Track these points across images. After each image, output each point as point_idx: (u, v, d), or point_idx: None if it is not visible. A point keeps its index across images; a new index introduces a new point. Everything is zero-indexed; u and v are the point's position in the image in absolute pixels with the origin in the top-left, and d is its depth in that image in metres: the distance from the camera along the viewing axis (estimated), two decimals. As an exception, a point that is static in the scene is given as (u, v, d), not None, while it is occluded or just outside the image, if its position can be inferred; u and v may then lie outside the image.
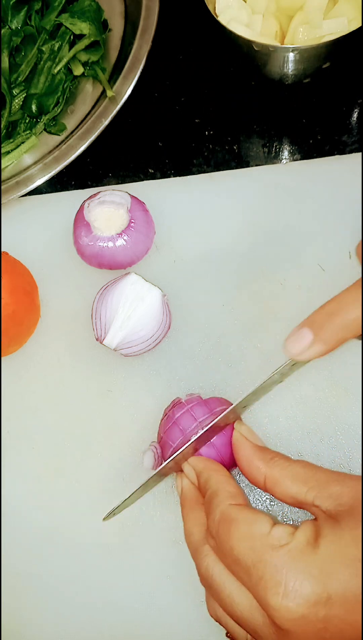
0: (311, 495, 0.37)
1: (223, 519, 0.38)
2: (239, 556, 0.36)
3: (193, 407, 0.46)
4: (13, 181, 0.58)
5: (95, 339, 0.51)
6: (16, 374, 0.54)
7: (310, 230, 0.55)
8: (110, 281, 0.52)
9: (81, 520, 0.50)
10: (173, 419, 0.46)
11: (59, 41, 0.62)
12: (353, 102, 0.61)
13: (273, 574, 0.34)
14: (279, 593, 0.33)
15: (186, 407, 0.46)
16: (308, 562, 0.34)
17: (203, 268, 0.55)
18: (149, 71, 0.59)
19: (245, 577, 0.35)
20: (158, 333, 0.50)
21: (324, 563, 0.34)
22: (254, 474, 0.40)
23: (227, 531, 0.37)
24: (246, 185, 0.57)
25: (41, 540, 0.50)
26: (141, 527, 0.49)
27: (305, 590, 0.33)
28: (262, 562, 0.35)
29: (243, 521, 0.37)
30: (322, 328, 0.39)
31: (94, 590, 0.48)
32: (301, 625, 0.33)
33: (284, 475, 0.39)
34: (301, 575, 0.33)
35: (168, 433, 0.46)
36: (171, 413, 0.47)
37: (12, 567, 0.50)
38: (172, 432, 0.45)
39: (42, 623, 0.48)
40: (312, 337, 0.39)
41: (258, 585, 0.34)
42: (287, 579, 0.33)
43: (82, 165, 0.62)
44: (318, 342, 0.39)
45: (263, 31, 0.57)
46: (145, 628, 0.47)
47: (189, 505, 0.43)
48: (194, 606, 0.46)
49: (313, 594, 0.33)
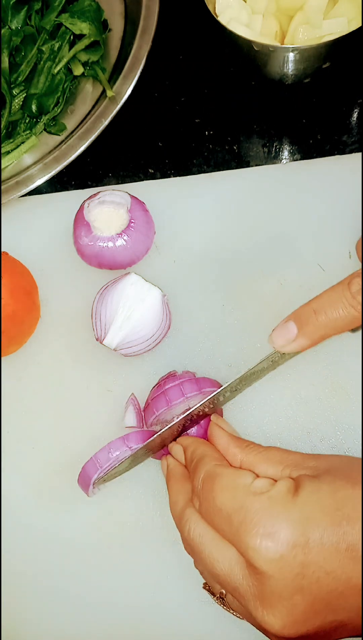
0: (287, 472, 0.39)
1: (208, 476, 0.39)
2: (221, 505, 0.37)
3: (184, 382, 0.47)
4: (13, 181, 0.58)
5: (95, 339, 0.51)
6: (16, 374, 0.54)
7: (310, 230, 0.55)
8: (110, 281, 0.52)
9: (81, 520, 0.50)
10: (162, 389, 0.48)
11: (59, 41, 0.62)
12: (353, 102, 0.61)
13: (253, 518, 0.35)
14: (259, 534, 0.34)
15: (178, 381, 0.48)
16: (288, 507, 0.35)
17: (203, 268, 0.55)
18: (149, 71, 0.59)
19: (226, 526, 0.36)
20: (158, 333, 0.50)
21: (303, 510, 0.35)
22: (231, 460, 0.41)
23: (211, 485, 0.38)
24: (247, 185, 0.57)
25: (41, 540, 0.50)
26: (141, 527, 0.49)
27: (285, 532, 0.34)
28: (243, 508, 0.36)
29: (227, 474, 0.38)
30: (306, 323, 0.41)
31: (93, 590, 0.48)
32: (279, 567, 0.34)
33: (259, 459, 0.40)
34: (281, 518, 0.34)
35: (155, 401, 0.48)
36: (163, 382, 0.49)
37: (11, 566, 0.50)
38: (158, 400, 0.47)
39: (42, 623, 0.48)
40: (297, 331, 0.41)
41: (238, 531, 0.35)
42: (267, 521, 0.35)
43: (82, 165, 0.62)
44: (302, 337, 0.41)
45: (263, 31, 0.57)
46: (145, 628, 0.47)
47: (174, 478, 0.44)
48: (194, 605, 0.46)
49: (292, 536, 0.34)
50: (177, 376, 0.49)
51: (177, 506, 0.42)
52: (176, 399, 0.47)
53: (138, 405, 0.50)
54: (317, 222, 0.55)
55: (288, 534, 0.34)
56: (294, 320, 0.41)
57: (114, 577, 0.48)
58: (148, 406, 0.49)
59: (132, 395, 0.51)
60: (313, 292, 0.52)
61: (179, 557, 0.47)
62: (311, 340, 0.41)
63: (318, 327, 0.40)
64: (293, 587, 0.34)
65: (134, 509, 0.49)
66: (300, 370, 0.50)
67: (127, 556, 0.48)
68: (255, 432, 0.49)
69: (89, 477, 0.46)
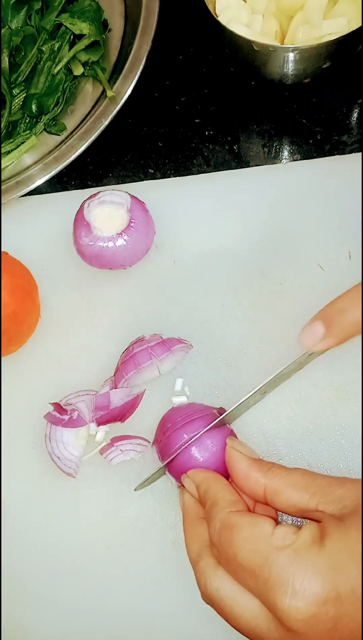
0: (314, 501, 0.37)
1: (224, 527, 0.37)
2: (243, 561, 0.35)
3: (152, 346, 0.49)
4: (13, 181, 0.58)
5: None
6: (16, 374, 0.54)
7: (310, 230, 0.55)
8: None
9: (81, 520, 0.50)
10: (131, 353, 0.49)
11: (59, 41, 0.62)
12: (353, 102, 0.61)
13: (279, 574, 0.33)
14: (287, 592, 0.33)
15: (146, 345, 0.49)
16: (316, 559, 0.33)
17: (203, 268, 0.55)
18: (149, 71, 0.59)
19: (251, 581, 0.35)
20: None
21: (331, 560, 0.33)
22: (253, 487, 0.40)
23: (229, 537, 0.37)
24: (246, 185, 0.57)
25: (41, 540, 0.50)
26: (141, 527, 0.49)
27: (314, 588, 0.32)
28: (268, 563, 0.34)
29: (245, 525, 0.37)
30: (332, 323, 0.41)
31: (93, 590, 0.48)
32: (311, 625, 0.32)
33: (284, 484, 0.38)
34: (309, 573, 0.33)
35: (124, 365, 0.49)
36: (131, 348, 0.50)
37: (11, 566, 0.50)
38: (127, 364, 0.49)
39: (41, 622, 0.48)
40: (324, 330, 0.41)
41: (264, 588, 0.34)
42: (295, 578, 0.33)
43: (82, 165, 0.62)
44: (329, 336, 0.41)
45: (263, 31, 0.57)
46: (145, 627, 0.47)
47: (189, 521, 0.42)
48: (194, 605, 0.46)
49: (322, 591, 0.32)
50: (144, 340, 0.50)
51: (193, 553, 0.40)
52: (144, 361, 0.48)
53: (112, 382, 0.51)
54: (317, 222, 0.55)
55: (319, 590, 0.32)
56: (321, 320, 0.41)
57: (113, 577, 0.48)
58: (118, 370, 0.50)
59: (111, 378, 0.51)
60: (313, 292, 0.53)
61: (180, 556, 0.47)
62: (339, 340, 0.41)
63: (345, 326, 0.41)
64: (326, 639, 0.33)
65: (134, 509, 0.49)
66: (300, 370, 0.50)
67: (127, 556, 0.48)
68: (255, 432, 0.49)
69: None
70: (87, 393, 0.50)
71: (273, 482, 0.39)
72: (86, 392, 0.51)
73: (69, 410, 0.49)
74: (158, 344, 0.50)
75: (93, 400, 0.49)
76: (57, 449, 0.49)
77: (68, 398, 0.51)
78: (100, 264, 0.55)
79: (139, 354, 0.49)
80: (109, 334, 0.54)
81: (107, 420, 0.49)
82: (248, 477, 0.40)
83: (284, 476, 0.39)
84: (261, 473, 0.39)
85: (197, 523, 0.41)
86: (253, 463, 0.41)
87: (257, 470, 0.40)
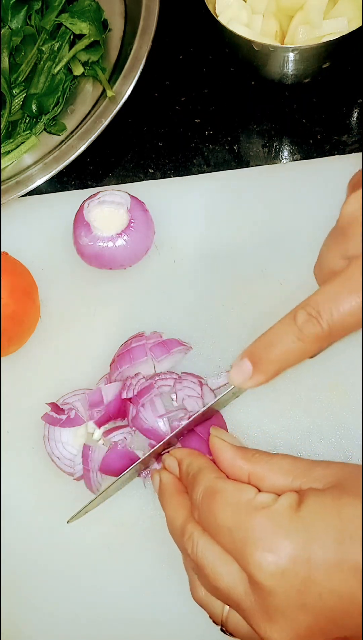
0: (298, 482, 0.38)
1: (208, 492, 0.38)
2: (222, 522, 0.36)
3: (151, 346, 0.50)
4: (13, 181, 0.58)
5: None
6: (16, 374, 0.54)
7: (310, 230, 0.55)
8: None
9: (81, 519, 0.49)
10: (128, 347, 0.50)
11: (59, 41, 0.62)
12: (353, 102, 0.61)
13: (254, 531, 0.35)
14: (260, 548, 0.34)
15: (143, 341, 0.50)
16: (289, 522, 0.34)
17: (202, 268, 0.55)
18: (149, 71, 0.59)
19: (228, 542, 0.36)
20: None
21: (305, 526, 0.34)
22: (237, 474, 0.40)
23: (211, 501, 0.38)
24: (246, 185, 0.57)
25: (41, 540, 0.50)
26: (140, 527, 0.49)
27: (286, 546, 0.34)
28: (245, 523, 0.35)
29: (229, 490, 0.38)
30: (259, 360, 0.39)
31: (93, 590, 0.48)
32: (281, 582, 0.33)
33: (268, 469, 0.39)
34: (282, 533, 0.34)
35: (120, 358, 0.50)
36: (129, 342, 0.50)
37: (11, 566, 0.50)
38: (123, 358, 0.50)
39: (41, 622, 0.48)
40: (252, 368, 0.40)
41: (240, 546, 0.35)
42: (268, 536, 0.34)
43: (82, 165, 0.62)
44: (258, 373, 0.40)
45: (263, 31, 0.57)
46: (144, 627, 0.47)
47: (169, 493, 0.43)
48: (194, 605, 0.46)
49: (293, 551, 0.33)
50: (144, 337, 0.50)
51: (177, 521, 0.41)
52: (139, 358, 0.49)
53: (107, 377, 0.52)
54: (317, 222, 0.55)
55: (290, 548, 0.33)
56: (248, 357, 0.40)
57: (113, 577, 0.48)
58: (113, 362, 0.50)
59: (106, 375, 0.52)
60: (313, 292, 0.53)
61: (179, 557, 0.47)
62: (267, 376, 0.40)
63: (272, 361, 0.39)
64: (295, 603, 0.33)
65: (134, 509, 0.49)
66: (299, 370, 0.50)
67: (126, 556, 0.48)
68: (255, 432, 0.49)
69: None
70: (83, 392, 0.51)
71: (257, 468, 0.39)
72: (83, 390, 0.51)
73: (66, 410, 0.49)
74: (158, 344, 0.49)
75: (87, 398, 0.49)
76: (56, 448, 0.49)
77: (65, 398, 0.51)
78: (100, 264, 0.55)
79: (136, 349, 0.49)
80: (109, 333, 0.54)
81: (107, 419, 0.49)
82: (233, 465, 0.41)
83: (267, 461, 0.40)
84: (245, 460, 0.40)
85: (179, 495, 0.42)
86: (237, 450, 0.41)
87: (241, 458, 0.40)
